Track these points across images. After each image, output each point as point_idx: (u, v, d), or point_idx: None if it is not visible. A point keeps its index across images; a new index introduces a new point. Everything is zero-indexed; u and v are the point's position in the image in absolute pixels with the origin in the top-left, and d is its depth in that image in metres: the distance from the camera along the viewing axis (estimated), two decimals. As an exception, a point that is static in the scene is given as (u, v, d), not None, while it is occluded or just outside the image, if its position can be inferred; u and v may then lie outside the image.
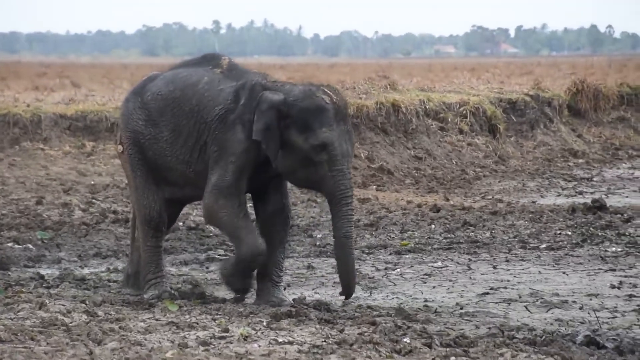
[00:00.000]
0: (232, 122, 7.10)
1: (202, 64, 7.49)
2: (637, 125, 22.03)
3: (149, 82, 7.57)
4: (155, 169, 7.46)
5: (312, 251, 10.13)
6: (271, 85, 7.17)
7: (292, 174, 7.10)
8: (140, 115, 7.45)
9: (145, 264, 7.62)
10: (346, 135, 7.00)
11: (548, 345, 6.06)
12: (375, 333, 6.23)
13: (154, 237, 7.60)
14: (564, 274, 8.89)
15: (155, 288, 7.55)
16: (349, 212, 6.99)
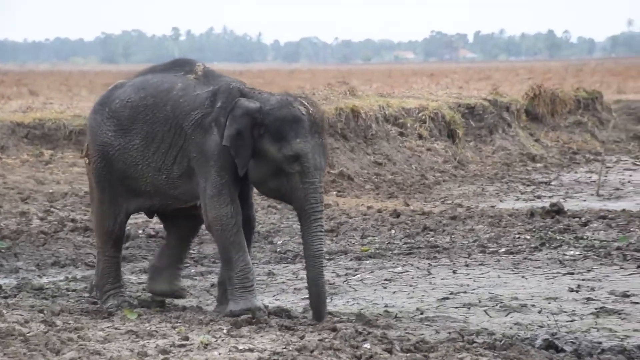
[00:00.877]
0: (208, 125, 7.00)
1: (172, 70, 7.37)
2: (593, 129, 22.22)
3: (115, 90, 7.45)
4: (124, 179, 7.32)
5: (272, 257, 10.11)
6: (248, 91, 7.10)
7: (263, 184, 6.99)
8: (109, 127, 7.31)
9: (103, 275, 7.53)
10: (320, 148, 6.91)
11: (507, 349, 6.08)
12: (335, 339, 6.23)
13: (114, 247, 7.53)
14: (523, 278, 8.93)
15: (114, 298, 7.47)
16: (319, 228, 6.87)
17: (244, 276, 7.01)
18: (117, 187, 7.35)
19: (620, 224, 11.58)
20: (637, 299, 7.94)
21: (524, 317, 7.35)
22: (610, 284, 8.54)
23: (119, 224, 7.44)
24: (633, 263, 9.41)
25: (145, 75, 7.45)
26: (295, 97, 7.04)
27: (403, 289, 8.56)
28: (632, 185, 16.27)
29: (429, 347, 6.11)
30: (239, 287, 7.01)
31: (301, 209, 6.88)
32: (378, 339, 6.27)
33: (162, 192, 7.25)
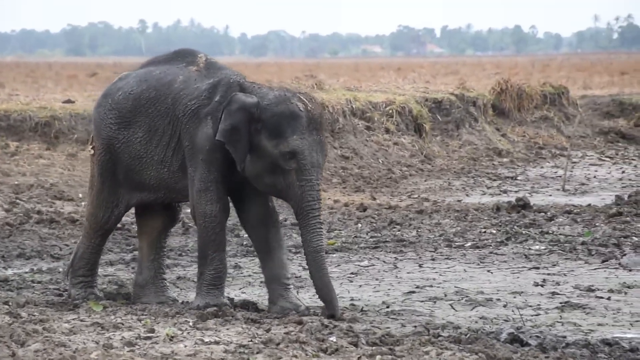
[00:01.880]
0: (203, 117, 6.94)
1: (175, 61, 7.28)
2: (559, 124, 22.32)
3: (119, 82, 7.35)
4: (128, 172, 7.23)
5: (239, 251, 10.10)
6: (248, 85, 7.00)
7: (259, 180, 6.87)
8: (112, 119, 7.23)
9: (81, 259, 7.46)
10: (318, 146, 6.81)
11: (473, 343, 6.11)
12: (301, 332, 6.23)
13: (101, 237, 7.47)
14: (488, 272, 8.97)
15: (83, 288, 7.42)
16: (317, 225, 6.80)
17: (216, 275, 6.99)
18: (120, 180, 7.28)
19: (586, 219, 11.65)
20: (601, 293, 8.00)
21: (489, 311, 7.38)
22: (575, 279, 8.59)
23: (115, 217, 7.38)
24: (598, 258, 9.48)
25: (148, 66, 7.36)
26: (293, 92, 6.95)
27: (369, 282, 8.57)
28: (598, 181, 16.37)
29: (395, 340, 6.12)
30: (208, 284, 6.99)
31: (298, 207, 6.80)
32: (344, 332, 6.28)
33: (166, 186, 7.17)
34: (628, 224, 11.15)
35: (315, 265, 6.80)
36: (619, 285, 8.26)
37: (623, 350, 6.15)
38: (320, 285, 6.83)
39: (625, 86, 29.54)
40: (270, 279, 7.09)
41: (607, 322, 7.08)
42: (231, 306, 7.02)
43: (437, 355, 5.72)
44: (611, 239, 10.23)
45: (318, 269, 6.81)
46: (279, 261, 7.09)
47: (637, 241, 10.15)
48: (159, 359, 5.56)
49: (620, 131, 22.67)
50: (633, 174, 17.32)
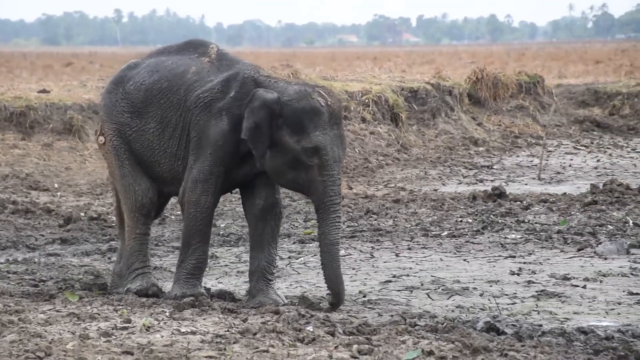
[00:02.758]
0: (217, 111, 6.86)
1: (186, 52, 7.21)
2: (535, 113, 22.38)
3: (129, 70, 7.26)
4: (142, 162, 7.17)
5: (215, 241, 10.09)
6: (264, 80, 6.93)
7: (280, 175, 6.84)
8: (124, 107, 7.16)
9: (132, 253, 7.28)
10: (338, 140, 6.80)
11: (449, 331, 6.13)
12: (278, 322, 6.23)
13: (144, 224, 7.29)
14: (465, 261, 8.99)
15: (143, 278, 7.25)
16: (336, 219, 6.79)
17: (197, 265, 6.98)
18: (138, 163, 7.19)
19: (561, 207, 11.70)
20: (577, 282, 8.03)
21: (465, 300, 7.40)
22: (551, 267, 8.63)
23: (149, 198, 7.22)
24: (573, 246, 9.51)
25: (159, 56, 7.27)
26: (313, 87, 6.89)
27: (346, 272, 8.57)
28: (573, 169, 16.43)
29: (372, 329, 6.13)
30: (187, 274, 6.98)
31: (319, 201, 6.78)
32: (321, 321, 6.28)
33: (180, 179, 7.08)
34: (603, 212, 11.20)
35: (330, 257, 6.79)
36: (594, 274, 8.30)
37: (598, 338, 6.18)
38: (332, 275, 6.81)
39: (600, 75, 29.65)
40: (255, 271, 7.08)
41: (583, 310, 7.12)
42: (207, 296, 7.01)
43: (413, 344, 5.74)
44: (586, 228, 10.28)
45: (331, 260, 6.79)
46: (268, 255, 7.08)
47: (612, 230, 10.20)
48: (135, 349, 5.55)
49: (595, 120, 22.76)
50: (608, 162, 17.39)
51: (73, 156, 15.26)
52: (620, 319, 6.84)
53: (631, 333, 6.34)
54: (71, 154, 15.31)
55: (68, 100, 16.21)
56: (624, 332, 6.35)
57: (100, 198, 12.84)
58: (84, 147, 15.52)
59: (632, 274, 8.29)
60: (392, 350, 5.62)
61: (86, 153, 15.47)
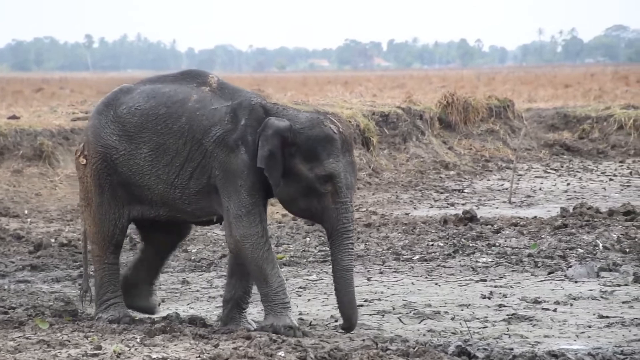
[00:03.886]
0: (234, 144, 6.78)
1: (183, 81, 7.10)
2: (505, 137, 22.48)
3: (122, 94, 7.14)
4: (127, 185, 7.05)
5: (187, 266, 10.07)
6: (272, 107, 6.87)
7: (292, 203, 6.80)
8: (113, 130, 7.04)
9: (103, 284, 7.18)
10: (350, 167, 6.77)
11: (420, 356, 6.13)
12: (250, 347, 6.22)
13: (114, 254, 7.20)
14: (436, 285, 9.01)
15: (115, 309, 7.15)
16: (349, 246, 6.75)
17: (281, 291, 6.86)
18: (118, 191, 7.08)
19: (532, 231, 11.75)
20: (547, 305, 8.06)
21: (437, 324, 7.41)
22: (522, 291, 8.66)
23: (120, 229, 7.14)
24: (544, 270, 9.55)
25: (154, 83, 7.16)
26: (324, 114, 6.87)
27: (318, 296, 8.58)
28: (543, 193, 16.51)
29: (343, 354, 6.13)
30: (279, 303, 6.85)
31: (332, 228, 6.75)
32: (292, 347, 6.27)
33: (172, 206, 7.00)
34: (573, 235, 11.26)
35: (344, 283, 6.76)
36: (564, 297, 8.33)
37: (569, 361, 6.20)
38: (345, 301, 6.78)
39: (569, 99, 29.82)
40: (230, 300, 7.04)
41: (554, 333, 7.14)
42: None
43: (385, 369, 5.73)
44: (557, 251, 10.32)
45: (345, 286, 6.76)
46: (246, 286, 7.05)
47: (582, 253, 10.24)
48: (106, 376, 5.52)
49: (565, 143, 22.88)
50: (578, 185, 17.48)
51: (43, 182, 15.19)
52: (591, 342, 6.87)
53: (601, 356, 6.37)
54: (41, 180, 15.25)
55: (38, 126, 16.16)
56: (594, 356, 6.37)
57: (71, 224, 12.78)
58: (54, 173, 15.46)
59: (602, 297, 8.33)
60: (363, 375, 5.61)
61: (56, 179, 15.41)
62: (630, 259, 9.89)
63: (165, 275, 9.61)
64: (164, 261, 7.59)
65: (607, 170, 19.88)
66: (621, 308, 7.96)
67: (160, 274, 7.63)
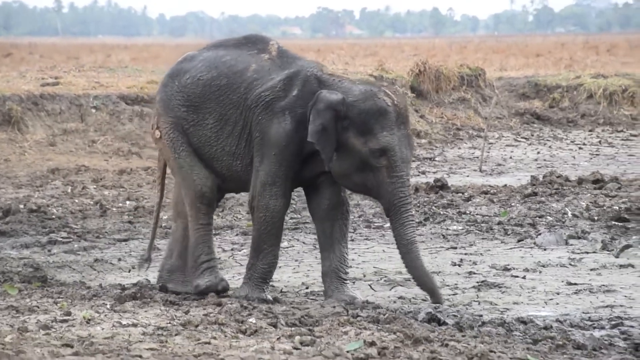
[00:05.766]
0: (280, 111, 6.71)
1: (245, 47, 7.00)
2: (476, 106, 22.52)
3: (185, 63, 7.06)
4: (200, 157, 6.99)
5: (158, 232, 10.02)
6: (327, 79, 6.76)
7: (347, 178, 6.70)
8: (179, 101, 6.97)
9: (197, 245, 7.06)
10: (406, 140, 6.63)
11: (391, 322, 6.15)
12: (220, 314, 6.22)
13: (207, 214, 7.06)
14: (406, 252, 9.02)
15: (211, 273, 7.02)
16: (409, 218, 6.64)
17: (268, 270, 6.85)
18: (195, 156, 6.99)
19: (502, 199, 11.79)
20: (517, 272, 8.11)
21: (407, 291, 7.44)
22: (492, 258, 8.70)
23: (208, 187, 7.00)
24: (513, 237, 9.60)
25: (217, 50, 7.07)
26: (378, 87, 6.77)
27: (289, 263, 8.59)
28: (514, 161, 16.58)
29: (314, 321, 6.14)
30: (259, 277, 6.83)
31: (390, 203, 6.64)
32: (263, 313, 6.28)
33: (237, 178, 6.96)
34: (543, 204, 11.31)
35: (411, 257, 6.67)
36: (534, 264, 8.38)
37: (537, 328, 6.25)
38: (420, 275, 6.70)
39: (540, 68, 29.88)
40: (328, 272, 6.96)
41: (523, 300, 7.19)
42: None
43: (355, 335, 5.75)
44: (526, 219, 10.37)
45: (414, 260, 6.68)
46: (340, 255, 6.96)
47: (551, 221, 10.30)
48: (75, 342, 5.50)
49: (536, 112, 22.96)
50: (548, 154, 17.56)
51: (12, 148, 15.10)
52: (559, 308, 6.92)
53: (569, 323, 6.42)
54: (10, 145, 15.15)
55: (7, 92, 16.04)
56: (562, 322, 6.42)
57: (40, 190, 12.72)
58: (23, 138, 15.37)
59: (571, 265, 8.39)
60: (334, 341, 5.63)
61: (26, 145, 15.32)
62: (598, 227, 9.96)
63: (135, 241, 9.60)
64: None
65: (577, 139, 19.97)
66: (589, 275, 8.02)
67: (131, 241, 7.59)
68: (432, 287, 6.73)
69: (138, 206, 11.46)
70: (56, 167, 14.31)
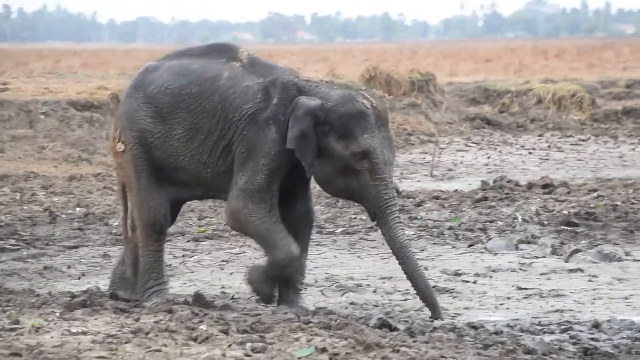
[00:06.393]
0: (264, 122, 6.61)
1: (212, 55, 6.90)
2: (427, 111, 22.62)
3: (148, 73, 6.92)
4: (162, 168, 6.86)
5: (108, 239, 9.98)
6: (305, 84, 6.71)
7: (329, 184, 6.66)
8: (146, 112, 6.81)
9: (146, 270, 6.98)
10: (387, 142, 6.66)
11: (342, 328, 6.15)
12: (171, 321, 6.19)
13: (157, 240, 6.99)
14: (358, 258, 9.05)
15: (158, 296, 6.95)
16: (397, 220, 6.63)
17: (292, 270, 6.79)
18: (155, 176, 6.88)
19: (453, 204, 11.85)
20: (468, 277, 8.15)
21: (359, 297, 7.45)
22: (443, 263, 8.74)
23: (162, 214, 6.93)
24: (464, 242, 9.65)
25: (181, 59, 6.95)
26: (356, 90, 6.74)
27: (240, 270, 8.56)
28: (464, 166, 16.66)
29: (266, 327, 6.13)
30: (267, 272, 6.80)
31: (375, 207, 6.63)
32: (215, 320, 6.26)
33: (206, 184, 6.85)
34: (493, 208, 11.38)
35: (408, 263, 6.63)
36: (484, 269, 8.43)
37: (488, 333, 6.28)
38: (421, 286, 6.64)
39: (490, 73, 30.13)
40: (285, 281, 6.92)
41: (473, 305, 7.22)
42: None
43: (307, 342, 5.75)
44: (477, 224, 10.42)
45: (413, 268, 6.64)
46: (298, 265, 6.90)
47: (501, 225, 10.36)
48: (23, 350, 5.45)
49: (486, 117, 23.10)
50: (498, 159, 17.67)
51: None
52: (509, 313, 6.96)
53: (519, 327, 6.46)
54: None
55: (-44, 98, 15.87)
56: (512, 327, 6.46)
57: (-11, 197, 12.59)
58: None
59: (521, 269, 8.44)
60: (285, 347, 5.62)
61: None
62: (548, 232, 10.03)
63: (85, 248, 9.54)
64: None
65: (527, 143, 20.12)
66: (539, 280, 8.08)
67: (81, 248, 7.51)
68: (434, 302, 6.66)
69: (88, 213, 11.38)
70: (4, 173, 14.17)
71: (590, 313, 6.93)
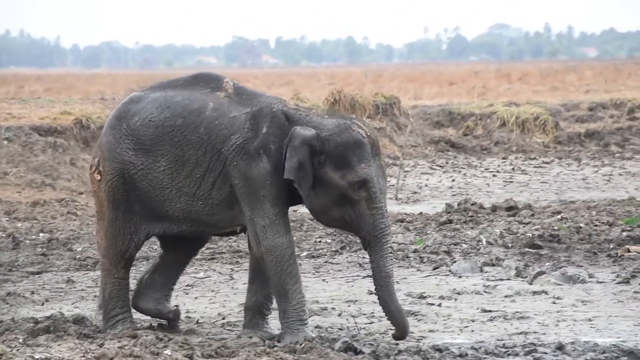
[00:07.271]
0: (255, 152, 6.56)
1: (196, 86, 6.83)
2: (391, 134, 22.68)
3: (132, 105, 6.81)
4: (146, 201, 6.76)
5: (72, 265, 9.93)
6: (294, 113, 6.66)
7: (325, 214, 6.61)
8: (128, 145, 6.73)
9: (112, 299, 6.89)
10: (381, 171, 6.64)
11: (307, 352, 6.15)
12: (135, 346, 6.17)
13: (124, 269, 6.91)
14: (323, 282, 9.05)
15: (123, 324, 6.86)
16: (388, 251, 6.60)
17: (300, 309, 6.67)
18: (135, 207, 6.79)
19: (418, 227, 11.88)
20: (432, 300, 8.17)
21: (324, 320, 7.45)
22: (408, 286, 8.75)
23: (134, 244, 6.85)
24: (429, 265, 9.67)
25: (165, 90, 6.87)
26: (350, 119, 6.71)
27: (205, 294, 8.55)
28: (429, 189, 16.71)
29: (230, 352, 6.12)
30: (296, 320, 6.65)
31: (370, 235, 6.61)
32: (179, 345, 6.24)
33: (195, 219, 6.74)
34: (458, 231, 11.42)
35: (387, 290, 6.60)
36: (449, 292, 8.45)
37: (453, 355, 6.30)
38: (393, 309, 6.60)
39: (454, 96, 30.26)
40: (251, 307, 6.88)
41: (438, 328, 7.24)
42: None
43: (272, 366, 5.74)
44: (442, 247, 10.45)
45: (390, 294, 6.60)
46: (267, 293, 6.86)
47: (466, 248, 10.40)
48: (-13, 378, 5.42)
49: (450, 140, 23.19)
50: (462, 182, 17.74)
51: None
52: (474, 336, 6.98)
53: (484, 350, 6.48)
54: None
55: None
56: (477, 349, 6.49)
57: (-48, 223, 12.49)
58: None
59: (485, 292, 8.47)
60: (250, 372, 5.61)
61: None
62: (512, 254, 10.07)
63: (49, 274, 9.48)
64: (184, 267, 7.37)
65: (491, 166, 20.21)
66: (503, 302, 8.11)
67: (45, 273, 7.46)
68: (403, 323, 6.64)
69: (52, 238, 11.32)
70: (-32, 199, 14.08)
71: (554, 335, 6.97)
